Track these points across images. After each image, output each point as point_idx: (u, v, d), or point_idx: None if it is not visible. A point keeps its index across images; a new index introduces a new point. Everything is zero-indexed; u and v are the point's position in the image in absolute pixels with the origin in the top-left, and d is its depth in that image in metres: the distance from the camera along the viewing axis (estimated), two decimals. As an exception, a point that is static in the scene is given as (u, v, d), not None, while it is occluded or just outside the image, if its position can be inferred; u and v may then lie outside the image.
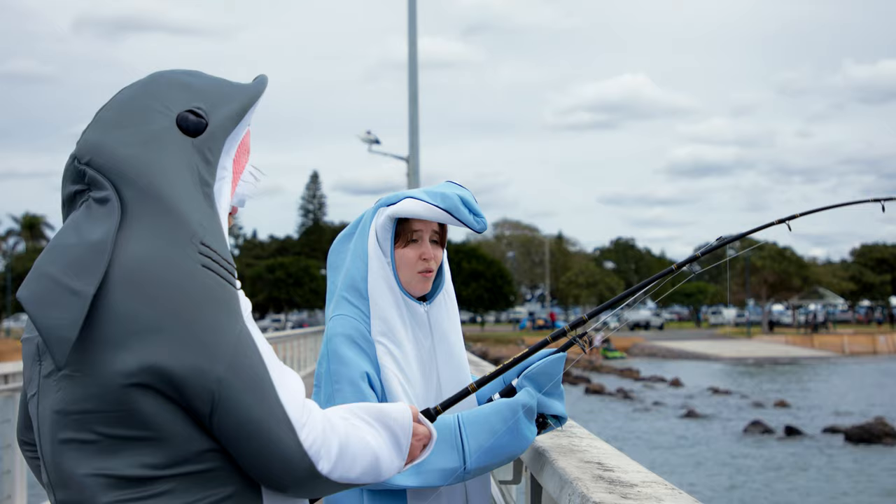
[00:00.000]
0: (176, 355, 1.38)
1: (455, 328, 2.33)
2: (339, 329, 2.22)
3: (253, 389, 1.42)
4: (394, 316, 2.22)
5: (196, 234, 1.45)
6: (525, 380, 2.20)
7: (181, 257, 1.43)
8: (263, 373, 1.44)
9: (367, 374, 2.17)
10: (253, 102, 1.63)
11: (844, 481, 17.56)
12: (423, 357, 2.26)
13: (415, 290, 2.26)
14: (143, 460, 1.41)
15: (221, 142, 1.57)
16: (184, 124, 1.54)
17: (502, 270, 68.75)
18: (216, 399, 1.40)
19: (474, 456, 2.11)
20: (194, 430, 1.43)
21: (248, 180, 1.65)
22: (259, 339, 1.47)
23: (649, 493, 1.84)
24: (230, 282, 1.47)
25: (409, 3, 19.30)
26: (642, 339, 61.68)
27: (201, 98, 1.58)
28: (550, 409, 2.21)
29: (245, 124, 1.62)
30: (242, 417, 1.41)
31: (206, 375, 1.39)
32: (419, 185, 19.99)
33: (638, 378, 39.33)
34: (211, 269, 1.44)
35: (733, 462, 19.60)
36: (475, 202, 2.24)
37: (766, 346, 57.37)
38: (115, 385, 1.39)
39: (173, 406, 1.41)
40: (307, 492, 1.53)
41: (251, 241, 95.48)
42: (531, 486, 2.72)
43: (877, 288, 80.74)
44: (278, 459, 1.45)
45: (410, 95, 19.41)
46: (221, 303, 1.43)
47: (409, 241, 2.25)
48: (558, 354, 2.20)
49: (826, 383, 37.37)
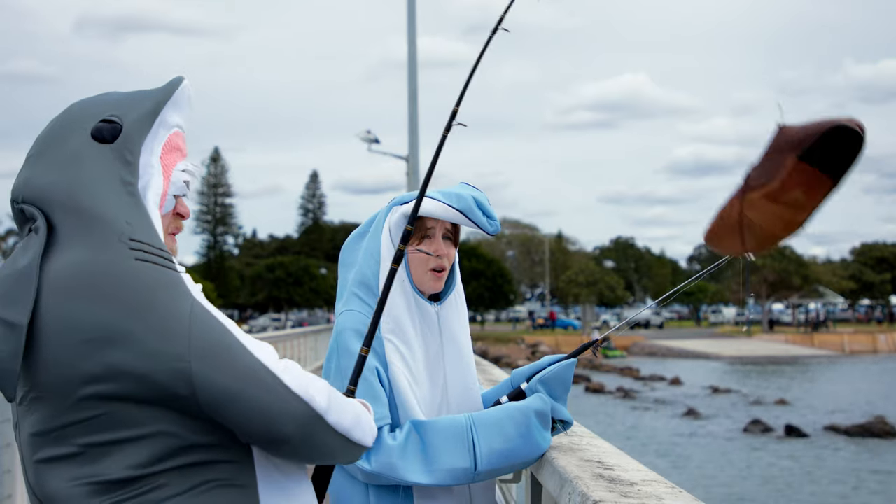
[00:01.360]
0: (132, 351, 1.41)
1: (464, 330, 2.33)
2: (348, 324, 2.21)
3: (222, 354, 1.45)
4: (404, 314, 2.22)
5: (123, 232, 1.49)
6: (539, 384, 2.20)
7: (113, 257, 1.46)
8: (227, 336, 1.47)
9: (377, 369, 2.17)
10: (166, 99, 1.66)
11: (844, 480, 17.55)
12: (431, 357, 2.25)
13: (426, 289, 2.26)
14: (129, 461, 1.43)
15: (139, 141, 1.61)
16: (99, 134, 1.59)
17: (502, 269, 68.72)
18: (191, 377, 1.42)
19: (485, 459, 2.11)
20: (178, 423, 1.45)
21: (179, 178, 1.68)
22: (217, 311, 1.51)
23: (649, 492, 1.84)
24: (169, 266, 1.51)
25: (409, 3, 19.29)
26: (642, 337, 61.66)
27: (114, 108, 1.63)
28: (560, 413, 2.23)
29: (167, 124, 1.66)
30: (223, 383, 1.43)
31: (170, 359, 1.42)
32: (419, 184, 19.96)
33: (638, 377, 39.31)
34: (146, 259, 1.48)
35: (733, 461, 19.60)
36: (489, 205, 2.25)
37: (767, 345, 57.36)
38: (84, 395, 1.42)
39: (148, 402, 1.43)
40: (312, 439, 1.53)
41: (251, 241, 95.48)
42: (531, 485, 2.72)
43: (877, 287, 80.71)
44: (275, 409, 1.46)
45: (410, 94, 19.41)
46: (165, 286, 1.47)
47: (421, 238, 2.25)
48: (570, 360, 2.23)
49: (826, 382, 37.37)
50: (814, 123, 1.85)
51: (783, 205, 1.85)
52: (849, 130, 1.78)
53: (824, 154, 1.79)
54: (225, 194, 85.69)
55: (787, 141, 1.86)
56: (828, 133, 1.80)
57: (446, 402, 2.24)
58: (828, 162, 1.80)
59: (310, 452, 1.55)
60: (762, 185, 1.87)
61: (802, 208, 1.84)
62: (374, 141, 23.54)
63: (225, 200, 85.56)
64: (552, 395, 2.21)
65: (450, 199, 2.21)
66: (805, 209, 1.84)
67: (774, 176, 1.84)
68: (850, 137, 1.77)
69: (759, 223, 1.89)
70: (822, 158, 1.79)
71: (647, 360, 50.26)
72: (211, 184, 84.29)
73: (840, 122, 1.79)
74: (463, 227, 2.32)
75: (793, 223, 1.87)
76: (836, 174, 1.80)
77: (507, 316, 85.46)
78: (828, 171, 1.79)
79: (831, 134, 1.79)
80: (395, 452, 2.09)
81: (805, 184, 1.81)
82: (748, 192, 1.90)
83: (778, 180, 1.83)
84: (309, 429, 1.51)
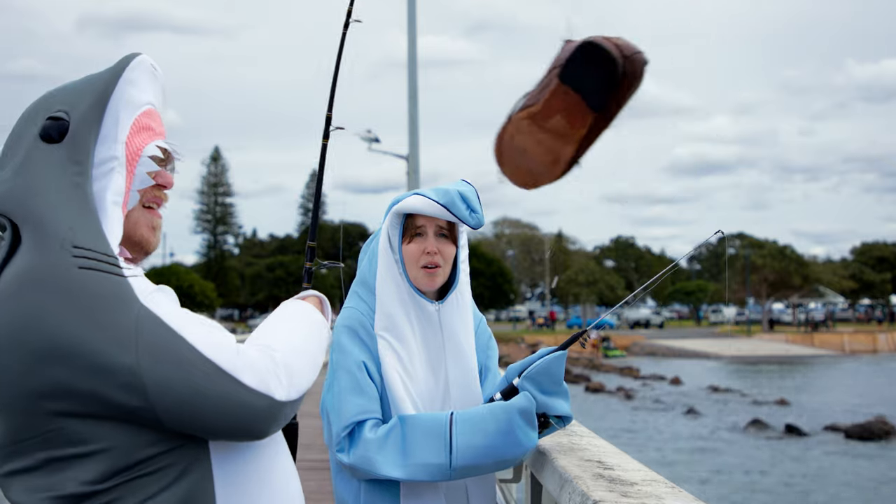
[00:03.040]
0: (79, 368, 1.37)
1: (466, 329, 2.31)
2: (342, 321, 2.27)
3: (173, 361, 1.40)
4: (398, 312, 2.23)
5: (66, 239, 1.44)
6: (525, 381, 2.16)
7: (54, 268, 1.42)
8: (177, 341, 1.42)
9: (365, 364, 2.19)
10: (114, 81, 1.58)
11: (844, 479, 17.55)
12: (432, 355, 2.26)
13: (422, 286, 2.26)
14: (83, 477, 1.40)
15: (91, 135, 1.54)
16: (45, 134, 1.53)
17: (502, 269, 68.72)
18: (144, 389, 1.38)
19: (462, 454, 2.08)
20: (134, 435, 1.41)
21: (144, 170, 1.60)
22: (167, 311, 1.45)
23: (649, 492, 1.84)
24: (114, 272, 1.45)
25: (409, 2, 19.28)
26: (642, 337, 61.65)
27: (61, 101, 1.56)
28: (553, 409, 2.17)
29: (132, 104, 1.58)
30: (178, 391, 1.39)
31: (118, 372, 1.38)
32: (419, 183, 19.97)
33: (638, 376, 39.30)
34: (89, 267, 1.43)
35: (733, 460, 19.60)
36: (476, 199, 2.24)
37: (767, 345, 57.34)
38: (37, 410, 1.39)
39: (102, 417, 1.39)
40: (281, 422, 1.52)
41: (251, 240, 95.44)
42: (531, 485, 2.72)
43: (877, 286, 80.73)
44: (236, 411, 1.43)
45: (410, 94, 19.40)
46: (108, 297, 1.41)
47: (413, 236, 2.26)
48: (558, 353, 2.17)
49: (826, 382, 37.36)
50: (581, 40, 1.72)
51: (548, 132, 1.75)
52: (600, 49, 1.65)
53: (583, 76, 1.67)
54: (225, 194, 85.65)
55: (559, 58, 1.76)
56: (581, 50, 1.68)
57: (448, 400, 2.25)
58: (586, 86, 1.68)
59: (284, 423, 1.55)
60: (528, 106, 1.78)
61: (565, 138, 1.74)
62: (374, 140, 23.53)
63: (225, 200, 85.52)
64: (542, 390, 2.15)
65: (436, 195, 2.22)
66: (568, 140, 1.74)
67: (539, 97, 1.75)
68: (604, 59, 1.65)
69: (527, 149, 1.80)
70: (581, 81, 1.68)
71: (647, 359, 50.24)
72: (211, 183, 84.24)
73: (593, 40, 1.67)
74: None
75: (559, 157, 1.77)
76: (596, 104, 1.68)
77: (507, 315, 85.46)
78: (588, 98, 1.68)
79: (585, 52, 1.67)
80: (373, 446, 2.11)
81: (566, 110, 1.71)
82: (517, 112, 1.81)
83: (541, 101, 1.74)
84: (272, 418, 1.49)
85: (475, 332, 2.37)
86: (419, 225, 2.26)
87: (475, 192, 2.26)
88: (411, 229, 2.26)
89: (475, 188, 2.27)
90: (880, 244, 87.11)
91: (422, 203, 2.22)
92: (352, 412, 2.13)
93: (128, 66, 1.60)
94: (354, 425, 2.13)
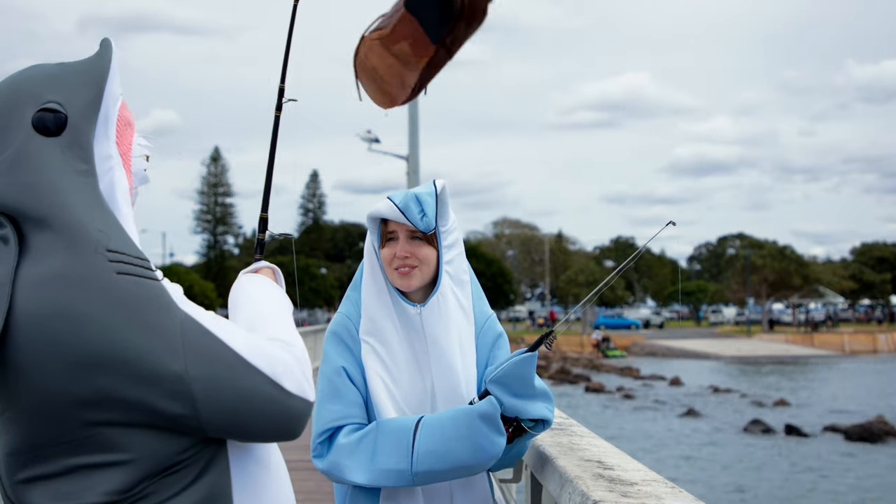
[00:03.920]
0: (125, 376, 1.33)
1: (448, 333, 2.25)
2: (331, 326, 2.31)
3: (220, 368, 1.38)
4: (381, 315, 2.24)
5: (100, 243, 1.38)
6: (492, 385, 2.10)
7: (93, 273, 1.36)
8: (221, 347, 1.40)
9: (345, 369, 2.21)
10: (106, 74, 1.51)
11: (844, 479, 17.55)
12: (418, 359, 2.25)
13: (398, 285, 2.26)
14: (107, 487, 1.36)
15: (90, 132, 1.46)
16: (41, 125, 1.43)
17: (502, 269, 68.74)
18: (192, 397, 1.36)
19: (422, 460, 2.06)
20: (167, 442, 1.39)
21: (137, 153, 1.57)
22: (205, 316, 1.43)
23: (649, 492, 1.84)
24: (150, 276, 1.41)
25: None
26: (642, 337, 61.66)
27: (51, 91, 1.46)
28: (526, 412, 2.10)
29: (111, 100, 1.51)
30: (225, 398, 1.37)
31: (167, 382, 1.35)
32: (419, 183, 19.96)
33: (638, 376, 39.30)
34: (127, 272, 1.38)
35: (733, 460, 19.60)
36: (431, 202, 2.22)
37: (767, 345, 57.34)
38: (73, 418, 1.35)
39: (140, 425, 1.36)
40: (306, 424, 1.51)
41: (251, 240, 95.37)
42: (531, 485, 2.72)
43: (877, 286, 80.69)
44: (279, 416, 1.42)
45: (410, 94, 19.38)
46: (151, 302, 1.38)
47: (386, 240, 2.28)
48: (526, 355, 2.09)
49: (826, 382, 37.35)
50: None
51: (395, 57, 1.78)
52: None
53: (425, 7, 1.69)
54: (225, 194, 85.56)
55: None
56: None
57: (434, 404, 2.24)
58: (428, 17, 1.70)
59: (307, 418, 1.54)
60: (379, 28, 1.81)
61: (410, 65, 1.77)
62: (374, 140, 23.54)
63: (225, 200, 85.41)
64: (512, 393, 2.09)
65: (395, 199, 2.24)
66: (412, 67, 1.77)
67: (390, 21, 1.78)
68: None
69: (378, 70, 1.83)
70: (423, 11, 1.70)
71: (647, 359, 50.24)
72: (211, 183, 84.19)
73: None
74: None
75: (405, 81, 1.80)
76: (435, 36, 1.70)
77: (507, 316, 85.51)
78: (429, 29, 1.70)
79: None
80: (345, 451, 2.13)
81: (411, 37, 1.73)
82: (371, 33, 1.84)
83: (390, 26, 1.77)
84: (306, 419, 1.49)
85: (480, 331, 2.33)
86: (391, 230, 2.27)
87: (435, 194, 2.23)
88: (385, 234, 2.28)
89: (437, 190, 2.24)
90: (880, 244, 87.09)
91: (385, 207, 2.24)
92: (327, 419, 2.16)
93: (113, 54, 1.53)
94: (331, 431, 2.16)
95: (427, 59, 1.74)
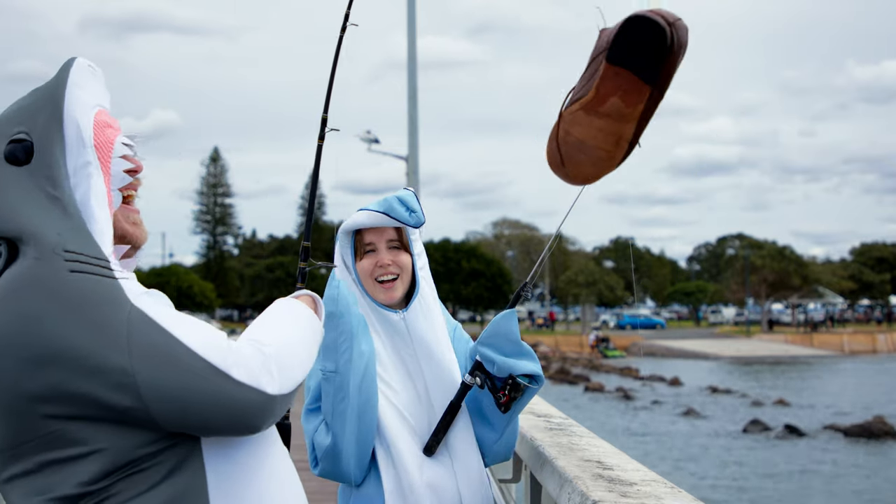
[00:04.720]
0: (73, 370, 1.39)
1: (435, 332, 2.30)
2: None
3: (166, 361, 1.41)
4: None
5: (57, 244, 1.47)
6: (481, 346, 2.19)
7: (47, 273, 1.44)
8: (169, 340, 1.43)
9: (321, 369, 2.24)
10: (63, 89, 1.59)
11: (843, 479, 17.56)
12: (407, 364, 2.28)
13: (382, 300, 2.29)
14: (78, 478, 1.42)
15: (57, 148, 1.56)
16: (12, 157, 1.55)
17: (502, 269, 68.73)
18: (137, 390, 1.40)
19: None
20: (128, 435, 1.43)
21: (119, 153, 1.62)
22: (157, 311, 1.47)
23: (649, 492, 1.84)
24: (105, 274, 1.48)
25: (409, 3, 19.29)
26: (642, 337, 61.66)
27: (17, 122, 1.58)
28: (518, 368, 2.17)
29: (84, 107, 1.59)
30: (170, 389, 1.41)
31: (111, 373, 1.39)
32: (419, 184, 19.99)
33: (637, 377, 39.28)
34: (80, 270, 1.45)
35: (733, 460, 19.60)
36: (415, 200, 2.28)
37: (766, 345, 57.35)
38: (34, 414, 1.42)
39: (98, 419, 1.41)
40: (276, 416, 1.52)
41: (250, 241, 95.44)
42: (531, 485, 2.73)
43: (876, 287, 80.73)
44: (228, 406, 1.44)
45: (410, 94, 19.41)
46: (99, 298, 1.44)
47: (364, 252, 2.30)
48: (503, 313, 2.19)
49: (826, 382, 37.36)
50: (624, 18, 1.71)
51: (605, 117, 1.75)
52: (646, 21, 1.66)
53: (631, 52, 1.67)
54: (225, 194, 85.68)
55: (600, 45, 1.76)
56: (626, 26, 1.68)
57: (430, 405, 2.27)
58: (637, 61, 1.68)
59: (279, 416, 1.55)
60: (579, 99, 1.78)
61: (625, 118, 1.74)
62: (373, 141, 23.54)
63: (225, 200, 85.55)
64: (502, 351, 2.17)
65: (374, 205, 2.26)
66: (628, 118, 1.74)
67: (589, 85, 1.75)
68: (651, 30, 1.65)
69: (586, 140, 1.80)
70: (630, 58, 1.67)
71: (646, 360, 50.22)
72: (211, 184, 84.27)
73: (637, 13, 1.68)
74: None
75: (621, 136, 1.77)
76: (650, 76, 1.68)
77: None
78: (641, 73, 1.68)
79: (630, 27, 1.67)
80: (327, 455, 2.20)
81: (620, 89, 1.71)
82: (568, 107, 1.81)
83: (593, 89, 1.74)
84: (264, 412, 1.49)
85: (452, 338, 2.37)
86: (368, 242, 2.29)
87: (414, 195, 2.30)
88: (362, 247, 2.30)
89: (414, 192, 2.32)
90: (880, 245, 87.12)
91: (365, 216, 2.27)
92: (308, 433, 2.25)
93: (70, 70, 1.62)
94: (312, 443, 2.24)
95: (642, 104, 1.73)
